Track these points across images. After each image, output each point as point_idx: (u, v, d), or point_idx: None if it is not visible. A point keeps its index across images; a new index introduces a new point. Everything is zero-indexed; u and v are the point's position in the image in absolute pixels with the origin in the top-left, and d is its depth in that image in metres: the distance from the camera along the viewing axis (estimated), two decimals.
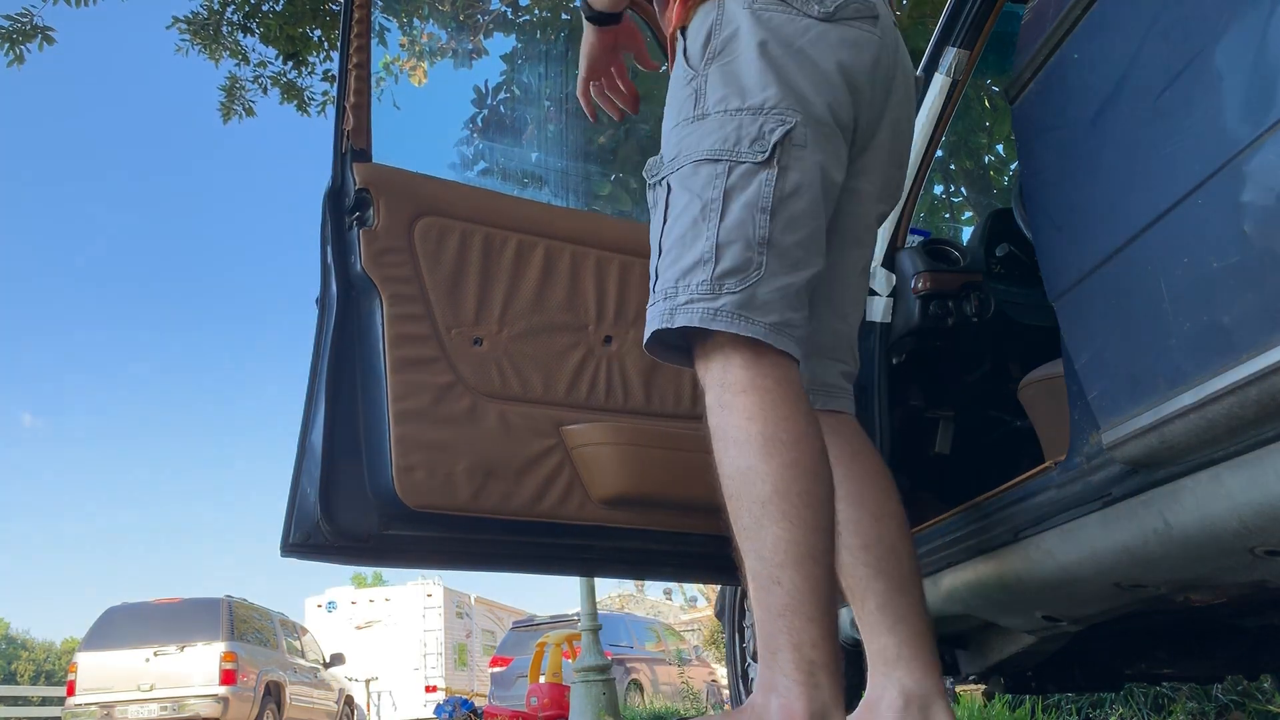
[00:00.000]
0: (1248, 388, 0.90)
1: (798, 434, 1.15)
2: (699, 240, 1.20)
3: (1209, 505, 1.05)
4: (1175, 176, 0.98)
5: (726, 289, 1.17)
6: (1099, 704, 3.70)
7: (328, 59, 6.35)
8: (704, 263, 1.18)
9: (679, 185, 1.24)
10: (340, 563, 1.67)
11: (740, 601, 3.05)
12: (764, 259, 1.19)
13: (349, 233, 1.69)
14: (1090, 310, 1.16)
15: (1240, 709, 3.10)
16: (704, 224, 1.20)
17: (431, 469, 1.62)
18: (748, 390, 1.16)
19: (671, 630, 15.07)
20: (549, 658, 8.84)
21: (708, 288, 1.17)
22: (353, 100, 1.71)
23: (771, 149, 1.22)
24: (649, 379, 1.88)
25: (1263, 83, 0.87)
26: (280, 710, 10.84)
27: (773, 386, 1.16)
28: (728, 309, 1.17)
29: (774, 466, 1.13)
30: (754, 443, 1.13)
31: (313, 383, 1.63)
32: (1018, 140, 1.35)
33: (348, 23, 1.72)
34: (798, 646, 1.10)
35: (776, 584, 1.12)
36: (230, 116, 6.41)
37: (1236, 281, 0.91)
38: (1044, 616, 1.55)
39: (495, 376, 1.72)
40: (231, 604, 10.46)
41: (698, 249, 1.19)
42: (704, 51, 1.28)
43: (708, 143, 1.24)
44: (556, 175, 6.41)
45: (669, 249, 1.22)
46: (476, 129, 6.87)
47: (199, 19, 6.10)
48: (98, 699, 9.79)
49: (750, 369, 1.17)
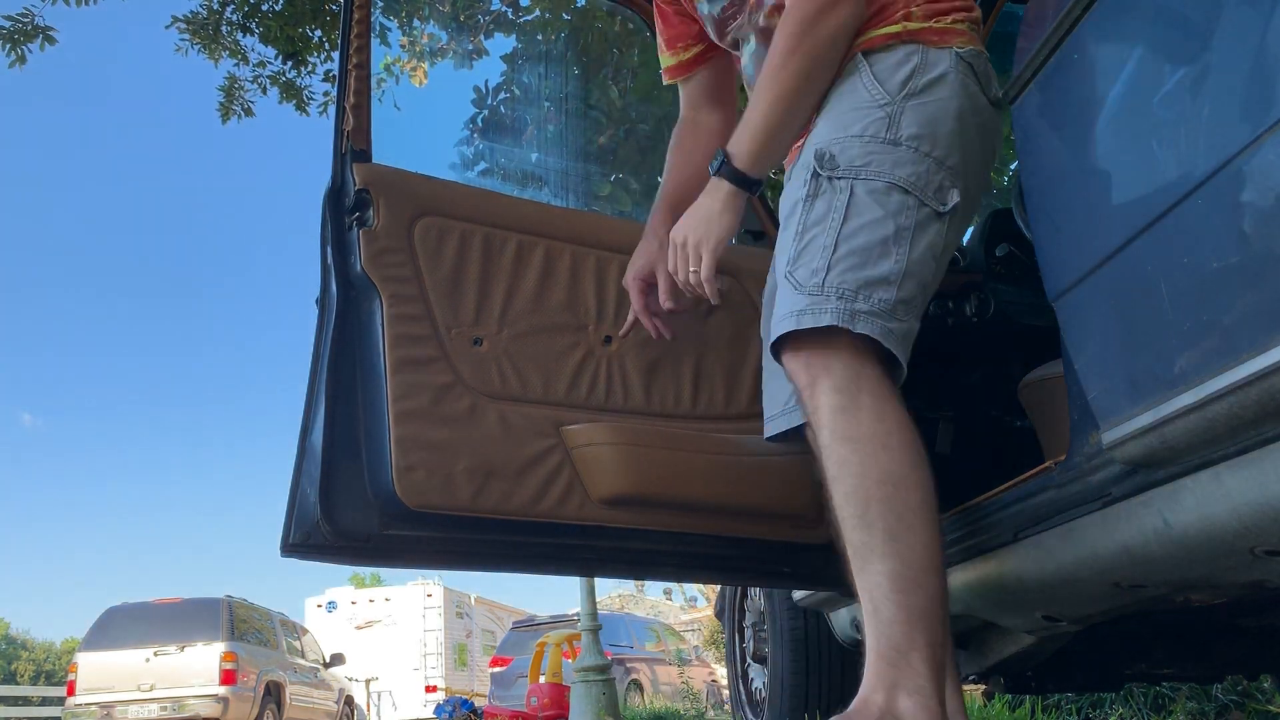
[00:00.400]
0: (1248, 388, 0.90)
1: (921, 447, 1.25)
2: (887, 259, 1.29)
3: (1209, 505, 1.05)
4: (1175, 176, 0.98)
5: (899, 315, 1.28)
6: (1099, 704, 3.70)
7: (328, 59, 6.34)
8: (890, 283, 1.28)
9: (869, 196, 1.31)
10: (340, 563, 1.67)
11: (740, 601, 3.05)
12: (922, 299, 1.33)
13: (349, 233, 1.69)
14: (1090, 310, 1.16)
15: (1240, 709, 3.10)
16: (895, 247, 1.30)
17: (431, 469, 1.62)
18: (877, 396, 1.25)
19: (671, 630, 15.07)
20: (549, 658, 8.84)
21: (889, 306, 1.28)
22: (353, 100, 1.71)
23: (951, 207, 1.35)
24: (649, 379, 1.88)
25: (1263, 83, 0.87)
26: (280, 710, 10.84)
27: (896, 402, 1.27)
28: (896, 333, 1.28)
29: (921, 476, 1.23)
30: (904, 451, 1.23)
31: (313, 383, 1.63)
32: (1017, 140, 1.35)
33: (348, 23, 1.72)
34: (932, 647, 1.16)
35: (920, 588, 1.18)
36: (229, 116, 6.40)
37: (1236, 281, 0.91)
38: (1044, 616, 1.55)
39: (495, 376, 1.72)
40: (231, 604, 10.46)
41: (885, 267, 1.28)
42: (903, 86, 1.37)
43: (903, 172, 1.32)
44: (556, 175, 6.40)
45: (851, 251, 1.29)
46: (476, 129, 6.87)
47: (198, 19, 6.09)
48: (98, 699, 9.79)
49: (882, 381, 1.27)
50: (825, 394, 1.26)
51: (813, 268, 1.29)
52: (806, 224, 1.33)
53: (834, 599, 2.17)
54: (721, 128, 1.81)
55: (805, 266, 1.30)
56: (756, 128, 1.40)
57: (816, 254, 1.30)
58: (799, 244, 1.33)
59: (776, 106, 1.38)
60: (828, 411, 1.25)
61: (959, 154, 1.35)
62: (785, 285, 1.32)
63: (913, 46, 1.40)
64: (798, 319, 1.27)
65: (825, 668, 2.51)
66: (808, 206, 1.34)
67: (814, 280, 1.28)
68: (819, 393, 1.26)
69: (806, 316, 1.27)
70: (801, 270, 1.30)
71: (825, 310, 1.26)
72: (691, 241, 1.44)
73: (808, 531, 1.92)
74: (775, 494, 1.87)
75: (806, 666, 2.51)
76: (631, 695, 10.80)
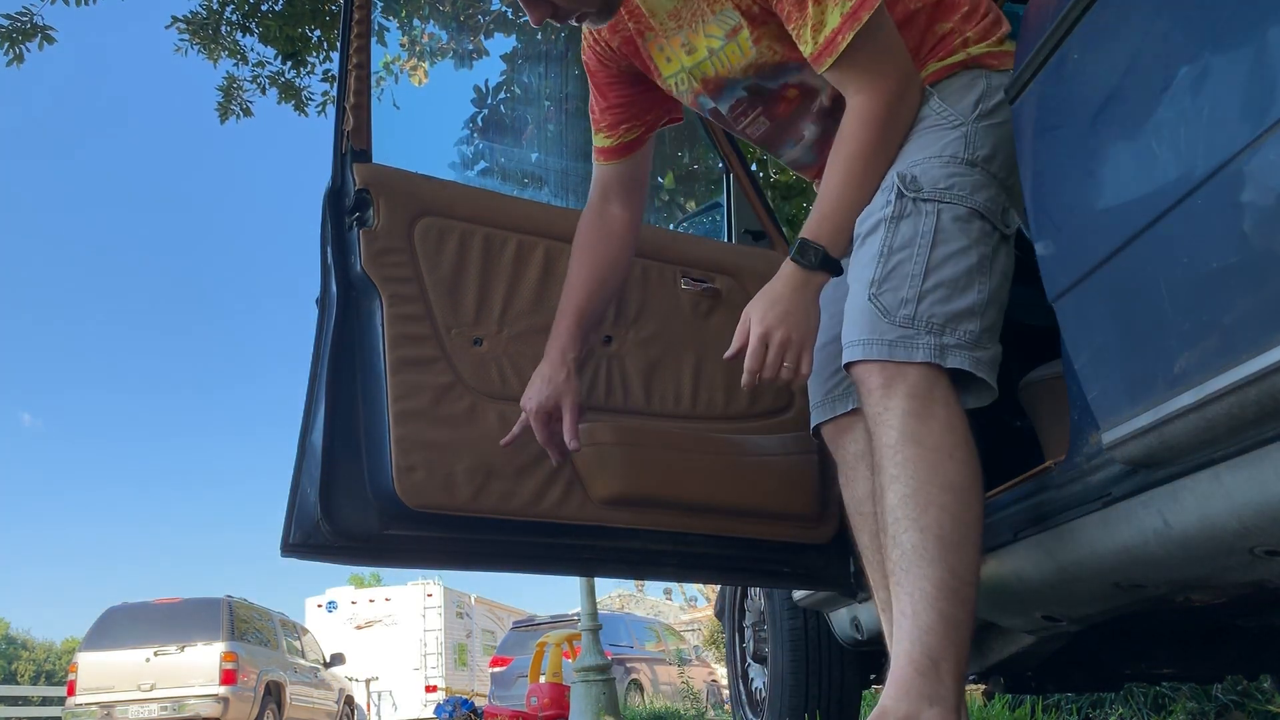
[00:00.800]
0: (1248, 388, 0.90)
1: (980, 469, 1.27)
2: (971, 290, 1.31)
3: (1209, 505, 1.05)
4: (1175, 176, 0.98)
5: (984, 343, 1.31)
6: (1099, 704, 3.70)
7: (327, 59, 6.34)
8: (975, 314, 1.31)
9: (954, 224, 1.33)
10: (340, 563, 1.67)
11: (740, 601, 3.05)
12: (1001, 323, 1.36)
13: (349, 233, 1.69)
14: (1090, 310, 1.16)
15: (1240, 709, 3.10)
16: (978, 277, 1.32)
17: (431, 469, 1.62)
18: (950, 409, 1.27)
19: (671, 630, 15.07)
20: (549, 658, 8.84)
21: (975, 338, 1.30)
22: (353, 100, 1.71)
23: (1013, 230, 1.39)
24: (649, 379, 1.88)
25: (1263, 83, 0.87)
26: (280, 710, 10.84)
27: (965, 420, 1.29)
28: (984, 361, 1.31)
29: (979, 494, 1.26)
30: (969, 465, 1.25)
31: (313, 383, 1.63)
32: (1018, 140, 1.35)
33: (348, 23, 1.72)
34: (960, 660, 1.18)
35: (961, 600, 1.20)
36: (228, 116, 6.39)
37: (1236, 281, 0.91)
38: (1044, 616, 1.55)
39: (495, 376, 1.72)
40: (231, 604, 10.46)
41: (970, 299, 1.31)
42: (975, 108, 1.40)
43: (981, 197, 1.36)
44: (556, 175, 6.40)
45: (940, 283, 1.31)
46: (476, 129, 6.87)
47: (198, 19, 6.09)
48: (98, 699, 9.80)
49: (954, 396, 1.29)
50: (900, 398, 1.26)
51: (902, 296, 1.30)
52: (892, 246, 1.32)
53: (834, 599, 2.17)
54: (628, 226, 1.74)
55: (893, 293, 1.30)
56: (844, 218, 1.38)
57: (905, 282, 1.30)
58: (884, 266, 1.32)
59: (858, 194, 1.38)
60: (900, 414, 1.26)
61: (1015, 175, 1.37)
62: (869, 307, 1.31)
63: (977, 71, 1.43)
64: (889, 349, 1.28)
65: (825, 668, 2.51)
66: (892, 227, 1.33)
67: (904, 311, 1.29)
68: (893, 395, 1.27)
69: (899, 349, 1.28)
70: (889, 296, 1.30)
71: (917, 345, 1.28)
72: (795, 341, 1.36)
73: (808, 531, 1.93)
74: (775, 494, 1.87)
75: (806, 666, 2.51)
76: (631, 695, 10.80)
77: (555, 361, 1.66)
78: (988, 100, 1.41)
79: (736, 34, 1.47)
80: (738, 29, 1.46)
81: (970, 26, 1.47)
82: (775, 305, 1.37)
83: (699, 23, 1.49)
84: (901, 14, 1.43)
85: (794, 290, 1.37)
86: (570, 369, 1.65)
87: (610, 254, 1.72)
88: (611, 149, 1.72)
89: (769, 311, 1.36)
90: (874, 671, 2.63)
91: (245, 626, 10.50)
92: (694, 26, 1.49)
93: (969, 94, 1.41)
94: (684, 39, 1.52)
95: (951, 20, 1.47)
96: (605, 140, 1.72)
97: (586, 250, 1.72)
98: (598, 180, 1.75)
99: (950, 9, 1.47)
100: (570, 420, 1.63)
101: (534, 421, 1.65)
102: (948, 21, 1.46)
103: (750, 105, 1.58)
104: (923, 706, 1.15)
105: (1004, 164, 1.39)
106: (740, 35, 1.46)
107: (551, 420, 1.65)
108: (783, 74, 1.50)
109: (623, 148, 1.71)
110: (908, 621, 1.20)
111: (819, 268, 1.37)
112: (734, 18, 1.45)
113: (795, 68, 1.49)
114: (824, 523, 1.92)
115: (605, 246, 1.72)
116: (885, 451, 1.27)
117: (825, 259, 1.37)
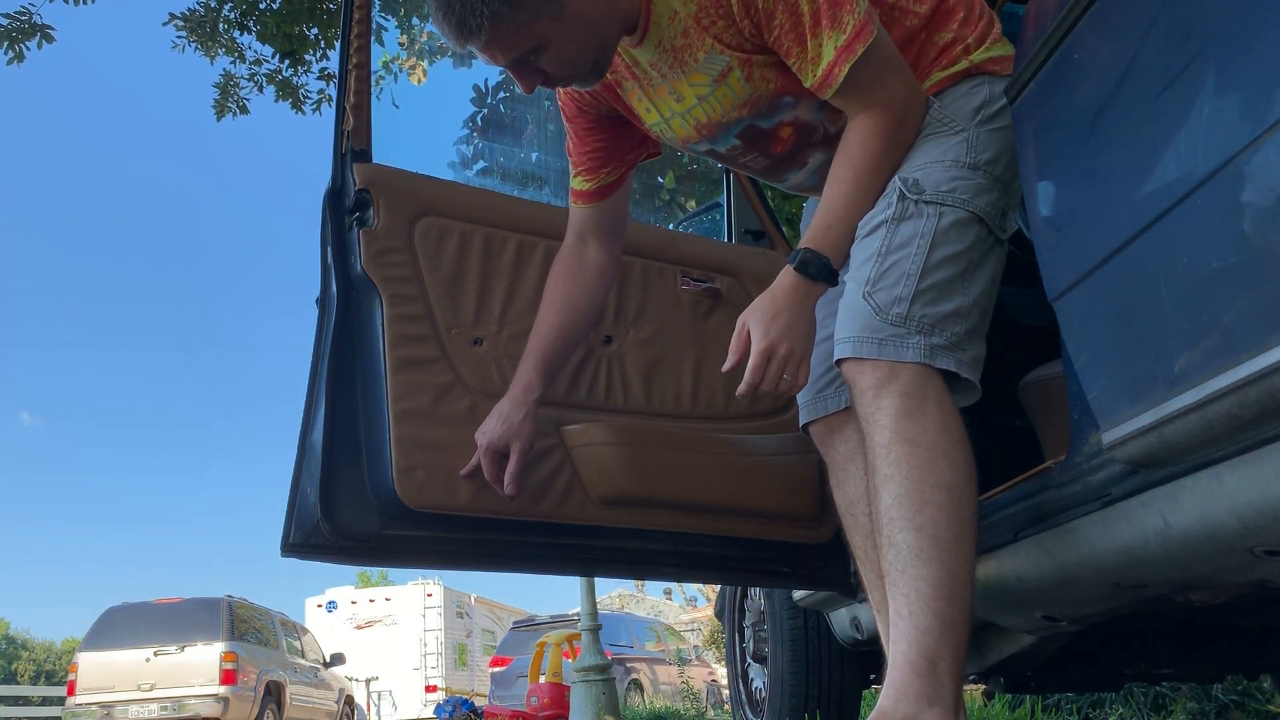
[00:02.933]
0: (1248, 388, 0.90)
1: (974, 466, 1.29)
2: (959, 293, 1.34)
3: (1209, 505, 1.05)
4: (1175, 176, 0.98)
5: (967, 345, 1.34)
6: (1099, 704, 3.70)
7: (325, 57, 6.33)
8: (962, 316, 1.33)
9: (953, 228, 1.35)
10: (340, 563, 1.67)
11: (740, 601, 3.05)
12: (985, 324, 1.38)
13: (349, 233, 1.69)
14: (1090, 310, 1.16)
15: (1240, 709, 3.11)
16: (968, 280, 1.35)
17: (431, 469, 1.62)
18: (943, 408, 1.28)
19: (671, 630, 15.08)
20: (549, 658, 8.83)
21: (960, 338, 1.33)
22: (352, 100, 1.71)
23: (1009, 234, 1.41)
24: (649, 379, 1.88)
25: (1263, 83, 0.87)
26: (280, 710, 10.84)
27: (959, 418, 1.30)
28: (966, 361, 1.33)
29: (973, 492, 1.26)
30: (963, 464, 1.26)
31: (313, 383, 1.63)
32: (1017, 140, 1.35)
33: (347, 22, 1.72)
34: (958, 659, 1.19)
35: (957, 599, 1.20)
36: (224, 114, 6.39)
37: (1236, 281, 0.91)
38: (1044, 616, 1.55)
39: (495, 376, 1.72)
40: (231, 604, 10.46)
41: (958, 302, 1.33)
42: (976, 114, 1.42)
43: (981, 201, 1.37)
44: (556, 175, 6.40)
45: (934, 285, 1.33)
46: (476, 129, 6.87)
47: (195, 16, 6.09)
48: (98, 699, 9.79)
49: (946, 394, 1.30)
50: (892, 397, 1.27)
51: (896, 295, 1.31)
52: (891, 246, 1.34)
53: (834, 599, 2.17)
54: (604, 267, 1.72)
55: (887, 291, 1.31)
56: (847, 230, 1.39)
57: (899, 281, 1.32)
58: (880, 265, 1.33)
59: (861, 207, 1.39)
60: (892, 414, 1.26)
61: (1018, 178, 1.39)
62: (863, 305, 1.32)
63: (979, 79, 1.45)
64: (879, 347, 1.29)
65: (825, 668, 2.51)
66: (892, 229, 1.35)
67: (897, 310, 1.30)
68: (885, 395, 1.27)
69: (889, 348, 1.29)
70: (882, 294, 1.31)
71: (907, 345, 1.29)
72: (797, 354, 1.36)
73: (807, 531, 1.93)
74: (775, 494, 1.87)
75: (806, 666, 2.51)
76: (631, 695, 10.80)
77: (516, 400, 1.63)
78: (990, 106, 1.43)
79: (726, 76, 1.45)
80: (727, 71, 1.44)
81: (970, 31, 1.48)
82: (778, 317, 1.36)
83: (681, 73, 1.47)
84: (901, 34, 1.45)
85: (795, 301, 1.37)
86: (530, 409, 1.63)
87: (584, 295, 1.70)
88: (591, 192, 1.69)
89: (772, 324, 1.36)
90: (874, 671, 2.63)
91: (245, 626, 10.50)
92: (677, 76, 1.48)
93: (971, 101, 1.43)
94: (670, 88, 1.51)
95: (950, 29, 1.47)
96: (584, 184, 1.69)
97: (559, 291, 1.70)
98: (575, 222, 1.72)
99: (947, 17, 1.48)
100: (514, 466, 1.61)
101: (483, 457, 1.62)
102: (947, 31, 1.47)
103: (746, 149, 1.57)
104: (922, 707, 1.15)
105: (1007, 167, 1.41)
106: (731, 77, 1.45)
107: (500, 459, 1.63)
108: (778, 110, 1.49)
109: (602, 190, 1.68)
110: (904, 622, 1.20)
111: (821, 279, 1.37)
112: (722, 61, 1.43)
113: (790, 100, 1.48)
114: (824, 523, 1.92)
115: (579, 289, 1.70)
116: (878, 451, 1.27)
117: (828, 270, 1.38)
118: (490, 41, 1.33)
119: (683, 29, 1.42)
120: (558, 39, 1.36)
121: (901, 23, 1.45)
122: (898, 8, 1.46)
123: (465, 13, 1.30)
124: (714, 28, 1.40)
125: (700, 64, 1.44)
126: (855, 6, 1.32)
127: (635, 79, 1.54)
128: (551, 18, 1.34)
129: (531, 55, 1.37)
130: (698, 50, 1.43)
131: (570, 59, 1.40)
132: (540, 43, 1.35)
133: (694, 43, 1.42)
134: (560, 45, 1.37)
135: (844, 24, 1.32)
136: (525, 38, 1.34)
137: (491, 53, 1.36)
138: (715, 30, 1.40)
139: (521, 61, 1.38)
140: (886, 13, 1.44)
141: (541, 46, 1.36)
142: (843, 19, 1.32)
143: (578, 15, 1.35)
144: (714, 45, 1.41)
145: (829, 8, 1.32)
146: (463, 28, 1.32)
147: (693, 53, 1.43)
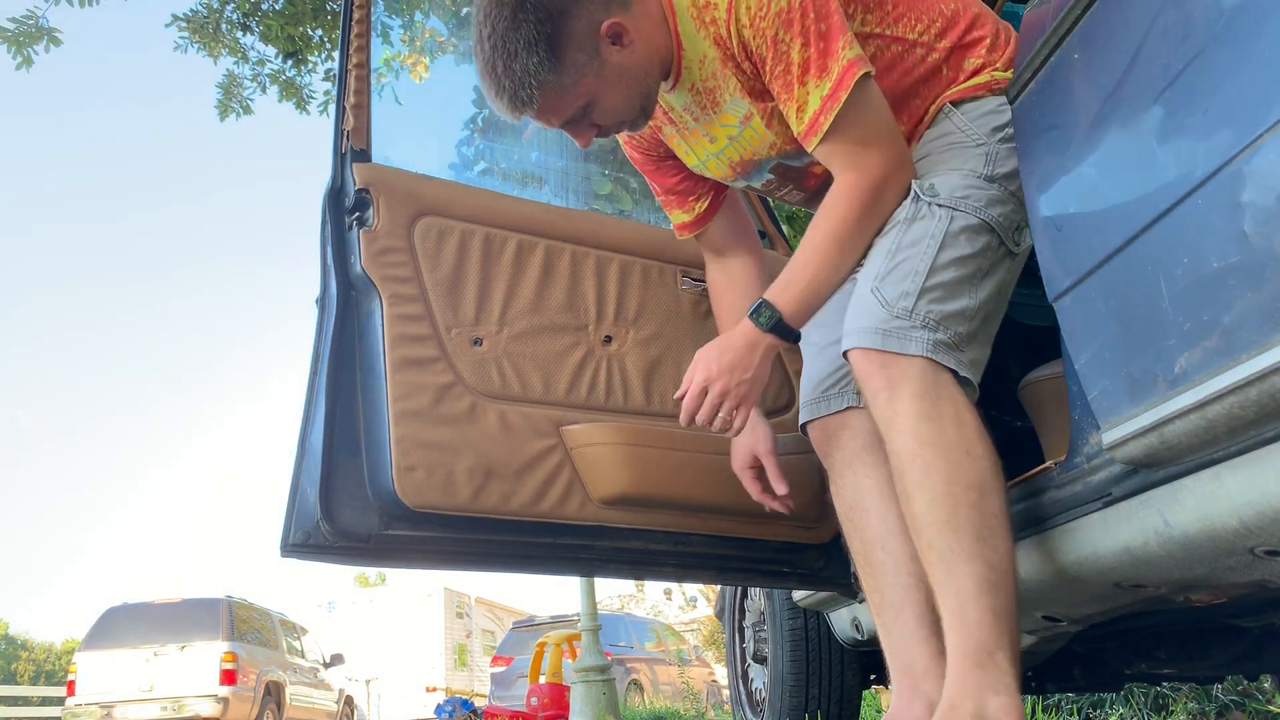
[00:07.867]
0: (1248, 388, 0.90)
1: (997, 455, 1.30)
2: (966, 295, 1.36)
3: (1209, 505, 1.05)
4: (1175, 176, 0.98)
5: (970, 347, 1.36)
6: (1099, 704, 3.70)
7: (328, 58, 6.33)
8: (966, 318, 1.35)
9: (962, 232, 1.37)
10: (340, 563, 1.67)
11: (740, 601, 3.05)
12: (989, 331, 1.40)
13: (349, 233, 1.69)
14: (1090, 310, 1.16)
15: (1240, 709, 3.11)
16: (975, 285, 1.37)
17: (431, 469, 1.62)
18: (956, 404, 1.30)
19: (671, 630, 15.07)
20: (549, 658, 8.83)
21: (963, 339, 1.34)
22: (353, 100, 1.71)
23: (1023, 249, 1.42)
24: (649, 379, 1.88)
25: (1263, 83, 0.87)
26: (280, 710, 10.84)
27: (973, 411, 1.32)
28: (966, 361, 1.35)
29: (1001, 483, 1.28)
30: (987, 458, 1.28)
31: (312, 383, 1.63)
32: (1018, 140, 1.35)
33: (348, 23, 1.72)
34: (1013, 647, 1.22)
35: (1003, 590, 1.23)
36: (227, 114, 6.39)
37: (1236, 281, 0.91)
38: (1044, 616, 1.55)
39: (495, 376, 1.72)
40: (231, 604, 10.46)
41: (962, 303, 1.35)
42: (997, 131, 1.44)
43: (994, 211, 1.40)
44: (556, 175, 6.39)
45: (941, 283, 1.34)
46: (477, 129, 6.86)
47: (198, 17, 6.09)
48: (98, 699, 9.80)
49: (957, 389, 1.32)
50: (907, 400, 1.29)
51: (903, 289, 1.33)
52: (901, 244, 1.37)
53: (834, 599, 2.17)
54: (751, 262, 1.79)
55: (894, 286, 1.34)
56: (808, 288, 1.42)
57: (907, 276, 1.34)
58: (890, 261, 1.36)
59: (830, 268, 1.42)
60: (911, 418, 1.28)
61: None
62: (870, 298, 1.35)
63: (1002, 98, 1.46)
64: (884, 338, 1.31)
65: (825, 668, 2.51)
66: (905, 228, 1.38)
67: (903, 304, 1.32)
68: (900, 398, 1.29)
69: (893, 339, 1.31)
70: (890, 288, 1.34)
71: (911, 338, 1.31)
72: (733, 394, 1.43)
73: (808, 531, 1.93)
74: None
75: (806, 666, 2.51)
76: (631, 695, 10.80)
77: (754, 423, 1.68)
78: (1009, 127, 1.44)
79: (749, 120, 1.51)
80: (749, 116, 1.50)
81: (998, 56, 1.51)
82: (724, 355, 1.43)
83: (713, 113, 1.52)
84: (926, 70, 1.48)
85: (744, 346, 1.43)
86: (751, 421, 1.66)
87: (742, 296, 1.74)
88: (690, 223, 1.77)
89: (716, 361, 1.43)
90: (874, 671, 2.63)
91: (245, 626, 10.50)
92: (709, 118, 1.53)
93: (996, 119, 1.46)
94: (703, 130, 1.56)
95: (979, 54, 1.51)
96: (681, 217, 1.77)
97: (724, 306, 1.78)
98: (703, 248, 1.81)
99: (974, 46, 1.51)
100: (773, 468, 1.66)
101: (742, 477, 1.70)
102: (975, 57, 1.51)
103: (780, 183, 1.63)
104: (988, 696, 1.18)
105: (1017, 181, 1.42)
106: (753, 121, 1.50)
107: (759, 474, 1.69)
108: (804, 152, 1.51)
109: (700, 219, 1.76)
110: (956, 620, 1.23)
111: (770, 330, 1.42)
112: (743, 106, 1.49)
113: None
114: (823, 523, 1.92)
115: (734, 293, 1.76)
116: (904, 457, 1.29)
117: (778, 325, 1.41)
118: (543, 109, 1.40)
119: (712, 70, 1.47)
120: (603, 93, 1.42)
121: (925, 59, 1.49)
122: (919, 44, 1.48)
123: (515, 87, 1.37)
124: (731, 63, 1.44)
125: (727, 105, 1.50)
126: (841, 53, 1.34)
127: (672, 123, 1.60)
128: (595, 75, 1.40)
129: (582, 113, 1.43)
130: (724, 92, 1.48)
131: (617, 109, 1.46)
132: (588, 100, 1.42)
133: (721, 85, 1.48)
134: (606, 98, 1.43)
135: (830, 71, 1.35)
136: (574, 98, 1.41)
137: (546, 118, 1.42)
138: (733, 68, 1.45)
139: (574, 120, 1.45)
140: (908, 49, 1.47)
141: (590, 104, 1.43)
142: (830, 67, 1.35)
143: (618, 68, 1.41)
144: (736, 88, 1.47)
145: (818, 57, 1.35)
146: (515, 101, 1.38)
147: (721, 94, 1.49)
